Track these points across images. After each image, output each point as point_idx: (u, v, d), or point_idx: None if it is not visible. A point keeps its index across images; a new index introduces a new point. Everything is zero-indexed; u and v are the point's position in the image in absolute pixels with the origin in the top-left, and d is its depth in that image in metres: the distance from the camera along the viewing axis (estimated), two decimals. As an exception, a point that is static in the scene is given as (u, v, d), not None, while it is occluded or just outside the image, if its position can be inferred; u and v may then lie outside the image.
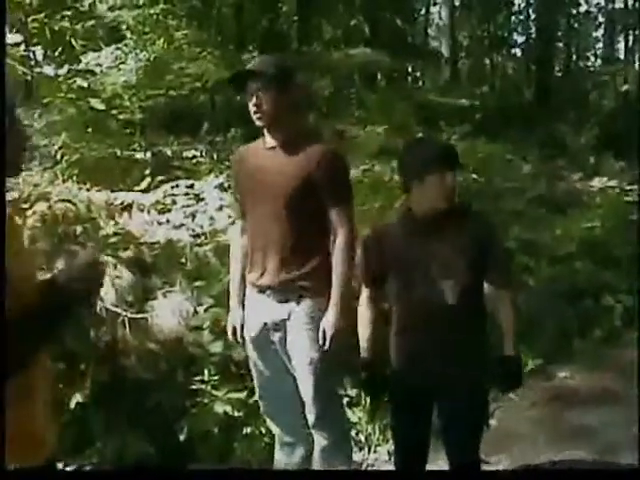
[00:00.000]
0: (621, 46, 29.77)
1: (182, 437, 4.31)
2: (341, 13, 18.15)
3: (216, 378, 4.49)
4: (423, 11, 30.33)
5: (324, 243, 3.48)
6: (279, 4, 16.70)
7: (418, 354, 3.21)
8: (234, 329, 3.66)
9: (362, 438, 4.79)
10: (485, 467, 3.89)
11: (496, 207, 8.38)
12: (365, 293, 3.38)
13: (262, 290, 3.51)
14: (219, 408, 4.34)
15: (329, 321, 3.39)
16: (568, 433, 4.94)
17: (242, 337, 3.65)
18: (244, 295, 3.65)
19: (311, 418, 3.53)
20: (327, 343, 3.39)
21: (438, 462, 3.65)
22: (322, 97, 12.35)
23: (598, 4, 32.14)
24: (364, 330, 3.38)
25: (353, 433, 4.66)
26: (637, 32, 30.23)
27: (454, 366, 3.18)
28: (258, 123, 3.39)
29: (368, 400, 4.72)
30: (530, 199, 9.62)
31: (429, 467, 3.49)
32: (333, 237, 3.45)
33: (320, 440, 3.57)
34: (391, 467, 4.33)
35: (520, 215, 8.79)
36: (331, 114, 11.56)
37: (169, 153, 8.12)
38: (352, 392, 4.95)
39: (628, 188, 12.21)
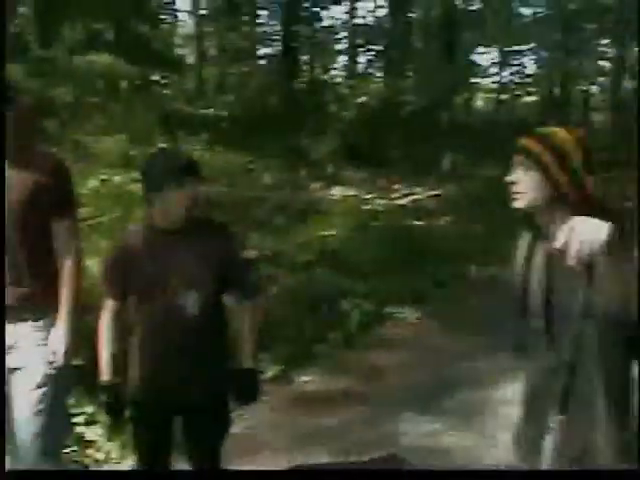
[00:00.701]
0: (362, 60, 31.22)
1: None
2: (83, 17, 17.49)
3: None
4: (170, 19, 30.15)
5: (53, 259, 3.32)
6: (16, 5, 15.84)
7: (159, 367, 3.16)
8: None
9: (101, 456, 4.62)
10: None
11: (238, 216, 8.46)
12: (108, 307, 3.27)
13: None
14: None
15: (56, 338, 3.24)
16: (309, 436, 5.07)
17: None
18: None
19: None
20: (57, 359, 3.24)
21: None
22: (62, 104, 11.86)
23: (340, 19, 33.54)
24: (105, 349, 3.25)
25: (92, 451, 4.52)
26: (376, 47, 31.85)
27: (195, 378, 3.16)
28: None
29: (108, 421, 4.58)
30: (271, 208, 9.81)
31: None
32: (59, 252, 3.30)
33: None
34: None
35: (262, 224, 8.93)
36: (71, 122, 11.14)
37: None
38: (89, 409, 4.78)
39: (367, 197, 12.84)
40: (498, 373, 5.50)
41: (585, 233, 1.76)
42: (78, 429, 4.66)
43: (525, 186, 2.38)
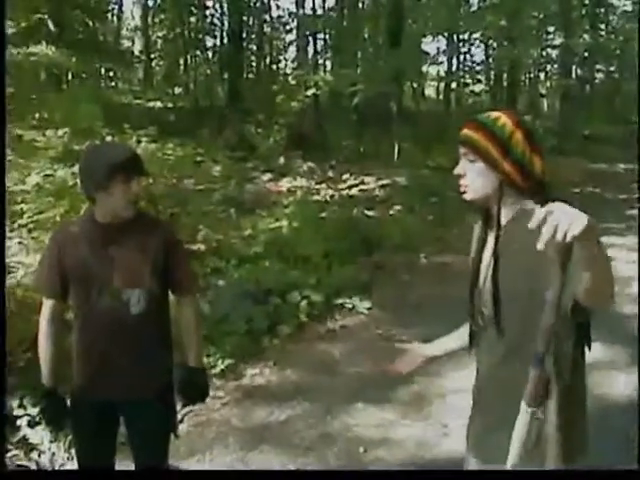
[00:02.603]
0: (311, 50, 31.12)
1: None
2: (22, 8, 17.09)
3: None
4: (115, 10, 29.81)
5: None
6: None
7: (102, 368, 3.06)
8: None
9: (45, 459, 4.50)
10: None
11: (185, 209, 8.35)
12: (46, 306, 3.13)
13: None
14: None
15: None
16: (259, 430, 5.02)
17: None
18: None
19: None
20: None
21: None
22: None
23: (288, 9, 33.42)
24: (45, 351, 3.13)
25: (35, 455, 4.41)
26: (326, 37, 31.83)
27: (139, 378, 3.08)
28: None
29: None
30: (219, 200, 9.72)
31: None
32: None
33: None
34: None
35: (209, 216, 8.83)
36: (11, 116, 10.88)
37: None
38: (33, 411, 4.65)
39: (316, 187, 12.80)
40: (450, 362, 5.47)
41: (562, 219, 1.72)
42: (21, 431, 4.55)
43: (472, 177, 2.34)
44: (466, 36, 32.02)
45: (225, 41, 28.01)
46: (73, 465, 4.38)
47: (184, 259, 3.26)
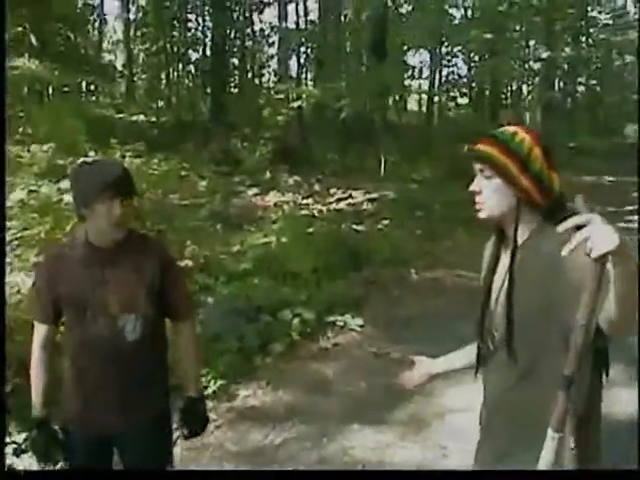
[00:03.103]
0: (294, 64, 31.13)
1: None
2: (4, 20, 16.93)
3: None
4: (97, 23, 29.65)
5: None
6: None
7: (95, 398, 2.92)
8: None
9: (32, 488, 4.34)
10: None
11: (172, 225, 8.22)
12: (38, 331, 2.99)
13: None
14: None
15: None
16: (254, 454, 4.88)
17: None
18: None
19: None
20: None
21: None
22: (-17, 112, 11.44)
23: (271, 23, 33.42)
24: (37, 378, 2.99)
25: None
26: (308, 50, 31.88)
27: (134, 407, 2.94)
28: None
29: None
30: (206, 216, 9.59)
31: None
32: None
33: None
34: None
35: (196, 232, 8.70)
36: (-5, 131, 10.73)
37: None
38: (19, 438, 4.50)
39: (303, 202, 12.71)
40: (446, 380, 5.35)
41: (595, 233, 1.64)
42: (7, 460, 4.38)
43: (488, 195, 2.24)
44: (449, 49, 32.12)
45: (208, 54, 27.96)
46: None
47: (180, 280, 3.12)
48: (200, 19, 30.90)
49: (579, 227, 1.71)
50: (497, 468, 2.37)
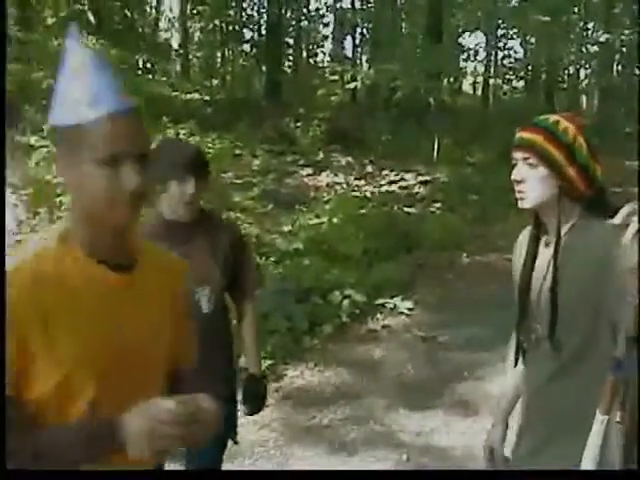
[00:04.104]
0: (349, 45, 30.99)
1: None
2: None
3: None
4: (154, 2, 29.81)
5: None
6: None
7: None
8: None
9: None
10: None
11: (224, 204, 8.26)
12: None
13: None
14: None
15: None
16: (303, 434, 4.91)
17: None
18: None
19: None
20: None
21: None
22: (40, 90, 11.57)
23: (327, 3, 33.18)
24: None
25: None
26: (363, 31, 31.67)
27: (209, 380, 2.93)
28: None
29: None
30: (258, 195, 9.62)
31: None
32: None
33: None
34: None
35: (248, 211, 8.74)
36: (49, 110, 10.85)
37: None
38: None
39: (355, 183, 12.67)
40: (495, 366, 5.31)
41: None
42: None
43: (532, 184, 2.17)
44: (505, 32, 31.64)
45: (263, 34, 27.94)
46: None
47: (251, 259, 3.18)
48: (256, -2, 30.92)
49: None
50: (536, 462, 2.34)
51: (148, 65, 21.34)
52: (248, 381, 3.10)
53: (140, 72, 19.99)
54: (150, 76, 21.45)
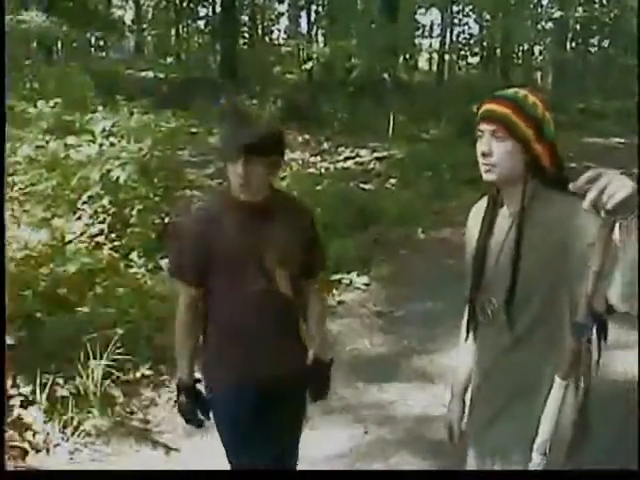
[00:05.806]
0: (304, 22, 30.81)
1: None
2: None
3: None
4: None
5: None
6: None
7: (255, 353, 2.82)
8: None
9: (39, 439, 4.38)
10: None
11: (180, 182, 8.21)
12: (184, 295, 2.88)
13: None
14: None
15: None
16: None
17: None
18: None
19: None
20: None
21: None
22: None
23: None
24: (183, 344, 2.92)
25: (29, 435, 4.30)
26: (319, 8, 31.56)
27: (290, 362, 2.89)
28: None
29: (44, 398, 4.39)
30: (215, 172, 9.58)
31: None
32: None
33: None
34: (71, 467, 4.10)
35: (203, 189, 8.70)
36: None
37: None
38: (26, 390, 4.55)
39: (311, 160, 12.67)
40: (451, 339, 5.37)
41: (610, 182, 1.62)
42: (15, 412, 4.43)
43: (500, 157, 2.17)
44: (460, 8, 31.79)
45: (218, 10, 27.71)
46: (68, 445, 4.30)
47: (319, 240, 3.03)
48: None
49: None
50: (490, 434, 2.40)
51: (101, 42, 21.09)
52: (314, 365, 2.97)
53: (93, 49, 19.78)
54: (103, 53, 21.22)
